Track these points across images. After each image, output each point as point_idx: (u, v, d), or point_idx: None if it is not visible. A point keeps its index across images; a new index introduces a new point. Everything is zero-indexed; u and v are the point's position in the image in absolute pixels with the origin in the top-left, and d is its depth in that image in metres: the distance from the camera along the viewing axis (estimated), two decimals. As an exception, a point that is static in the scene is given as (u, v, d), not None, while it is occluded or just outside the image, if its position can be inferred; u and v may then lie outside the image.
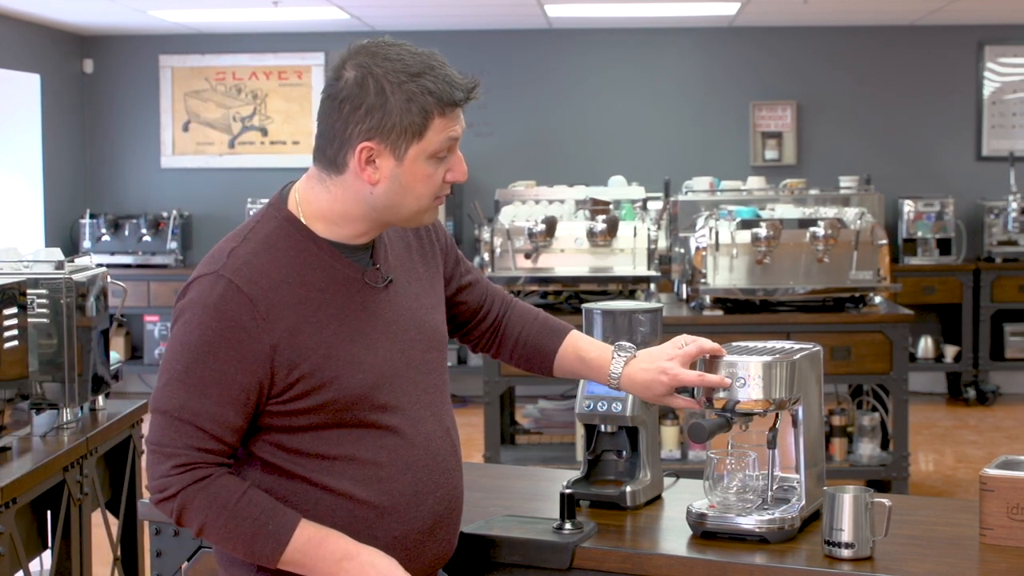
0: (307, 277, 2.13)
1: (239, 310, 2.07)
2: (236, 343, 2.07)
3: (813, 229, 5.81)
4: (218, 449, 2.10)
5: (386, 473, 2.16)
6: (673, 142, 9.43)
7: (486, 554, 2.48)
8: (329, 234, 2.17)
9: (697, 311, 5.89)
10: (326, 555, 2.10)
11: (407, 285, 2.27)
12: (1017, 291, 8.87)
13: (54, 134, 9.10)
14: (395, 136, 2.09)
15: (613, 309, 2.77)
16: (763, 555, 2.38)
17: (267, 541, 2.09)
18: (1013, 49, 9.37)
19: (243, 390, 2.08)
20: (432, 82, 2.11)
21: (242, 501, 2.09)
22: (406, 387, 2.20)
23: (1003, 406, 8.98)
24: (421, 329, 2.26)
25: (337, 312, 2.14)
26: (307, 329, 2.11)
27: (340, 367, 2.11)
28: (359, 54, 2.12)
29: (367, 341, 2.16)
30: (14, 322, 3.37)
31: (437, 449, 2.24)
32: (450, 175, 2.17)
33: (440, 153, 2.14)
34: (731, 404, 2.46)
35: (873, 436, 6.08)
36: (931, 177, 9.36)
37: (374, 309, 2.19)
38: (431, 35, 9.42)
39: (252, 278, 2.09)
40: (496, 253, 5.88)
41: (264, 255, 2.13)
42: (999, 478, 2.41)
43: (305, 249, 2.15)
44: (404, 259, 2.30)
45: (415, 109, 2.09)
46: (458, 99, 2.14)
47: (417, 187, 2.13)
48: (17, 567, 3.21)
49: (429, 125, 2.10)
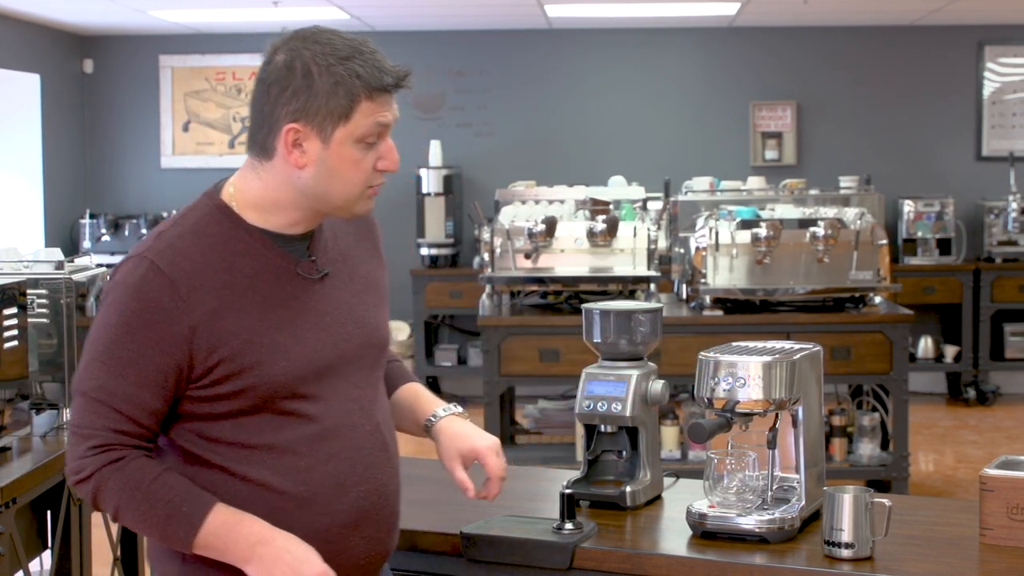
0: (234, 263, 2.13)
1: (159, 291, 2.07)
2: (155, 324, 2.06)
3: (813, 229, 5.81)
4: (135, 431, 2.09)
5: (305, 463, 2.14)
6: (673, 142, 9.43)
7: (486, 554, 2.48)
8: (262, 222, 2.16)
9: (697, 311, 5.89)
10: (240, 539, 2.08)
11: (348, 281, 2.25)
12: (1017, 291, 8.87)
13: (54, 134, 9.10)
14: (321, 118, 2.09)
15: (613, 309, 2.77)
16: (763, 555, 2.39)
17: (180, 524, 2.07)
18: (1013, 49, 9.37)
19: (161, 372, 2.07)
20: (360, 66, 2.10)
21: (156, 483, 2.07)
22: (333, 379, 2.18)
23: (1003, 406, 8.98)
24: (359, 324, 2.23)
25: (263, 300, 2.13)
26: (229, 314, 2.09)
27: (262, 353, 2.10)
28: (291, 39, 2.14)
29: (293, 330, 2.14)
30: (14, 322, 3.37)
31: (363, 443, 2.20)
32: (381, 163, 2.16)
33: (368, 138, 2.12)
34: (731, 404, 2.46)
35: (873, 436, 6.08)
36: (931, 177, 9.36)
37: (305, 300, 2.17)
38: (431, 35, 9.42)
39: (175, 260, 2.09)
40: (496, 253, 5.88)
41: (190, 239, 2.12)
42: (999, 478, 2.41)
43: (235, 236, 2.14)
44: (350, 255, 2.28)
45: (342, 92, 2.08)
46: (386, 84, 2.12)
47: (345, 172, 2.12)
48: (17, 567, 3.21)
49: (356, 108, 2.09)
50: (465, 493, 2.38)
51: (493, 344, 5.79)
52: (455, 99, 9.49)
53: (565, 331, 5.73)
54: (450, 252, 9.17)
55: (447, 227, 9.05)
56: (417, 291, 9.09)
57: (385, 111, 2.13)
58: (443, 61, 9.45)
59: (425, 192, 9.04)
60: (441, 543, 2.53)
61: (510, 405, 6.65)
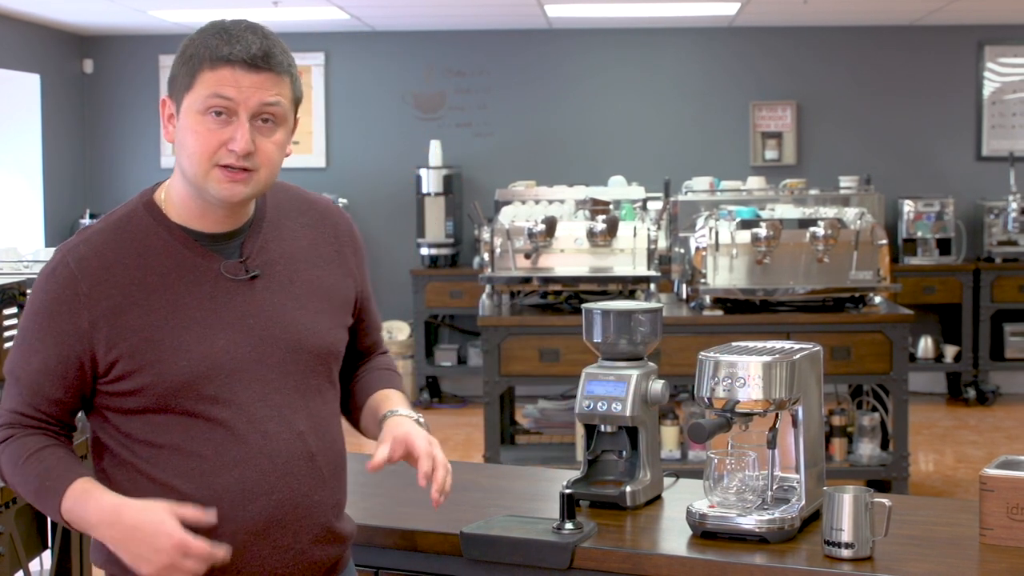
0: (148, 260, 2.13)
1: (63, 285, 2.10)
2: (56, 315, 2.10)
3: (813, 229, 5.81)
4: (32, 415, 2.14)
5: (210, 467, 2.11)
6: (673, 142, 9.43)
7: (486, 554, 2.48)
8: (185, 221, 2.16)
9: (697, 311, 5.89)
10: (89, 515, 2.07)
11: (286, 283, 2.20)
12: (1017, 291, 8.87)
13: (54, 134, 9.11)
14: (175, 88, 2.12)
15: (613, 309, 2.77)
16: (763, 555, 2.39)
17: (48, 496, 2.10)
18: (1013, 49, 9.37)
19: (60, 362, 2.11)
20: (213, 39, 2.09)
21: (32, 458, 2.11)
22: (249, 383, 2.13)
23: (1003, 406, 8.98)
24: (289, 329, 2.17)
25: (174, 299, 2.12)
26: (133, 311, 2.10)
27: (161, 352, 2.09)
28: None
29: (203, 330, 2.12)
30: (14, 322, 3.37)
31: (277, 450, 2.14)
32: (232, 143, 2.08)
33: (210, 109, 2.07)
34: (731, 404, 2.46)
35: (873, 436, 6.08)
36: (931, 177, 9.36)
37: (225, 301, 2.14)
38: (431, 35, 9.42)
39: (84, 256, 2.12)
40: (496, 253, 5.88)
41: (108, 235, 2.14)
42: (999, 478, 2.41)
43: (154, 234, 2.14)
44: (297, 257, 2.23)
45: (192, 61, 2.10)
46: (224, 54, 2.07)
47: (188, 142, 2.09)
48: (17, 567, 3.21)
49: (197, 77, 2.09)
50: (369, 466, 2.19)
51: (493, 344, 5.79)
52: (455, 99, 9.49)
53: (565, 331, 5.73)
54: (450, 252, 9.17)
55: (447, 227, 9.05)
56: (417, 291, 9.09)
57: (226, 85, 2.08)
58: (443, 61, 9.45)
59: (425, 192, 9.04)
60: (441, 543, 2.53)
61: (510, 405, 6.65)
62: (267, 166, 2.13)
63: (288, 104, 2.15)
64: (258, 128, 2.10)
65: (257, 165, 2.11)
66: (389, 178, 9.38)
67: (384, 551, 2.58)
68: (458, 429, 8.20)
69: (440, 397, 9.31)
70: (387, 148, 9.41)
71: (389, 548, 2.57)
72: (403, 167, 9.30)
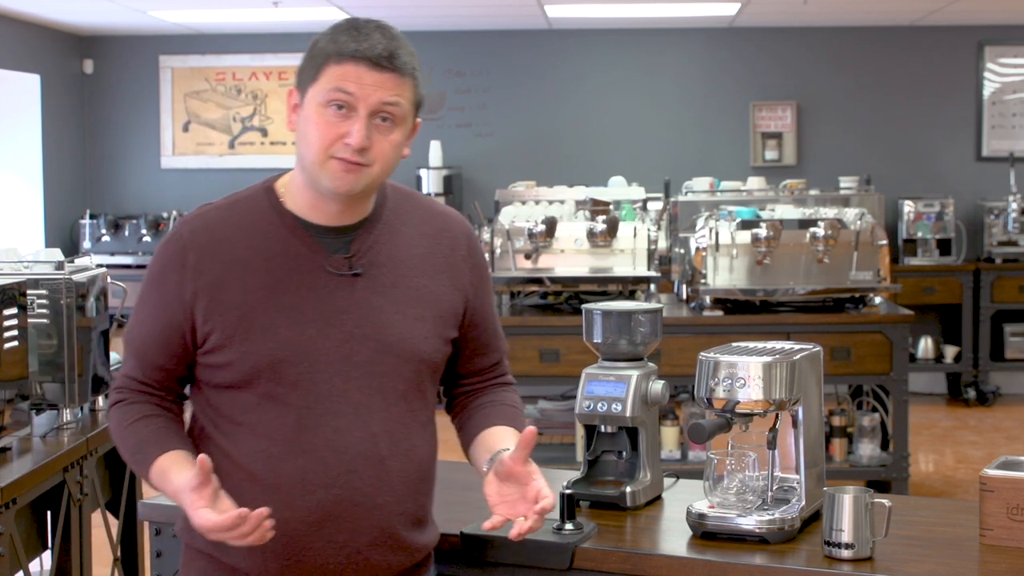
0: (255, 242, 2.18)
1: (173, 255, 2.19)
2: (164, 283, 2.19)
3: (813, 230, 5.81)
4: (143, 380, 2.24)
5: (277, 451, 2.15)
6: (673, 142, 9.43)
7: (486, 555, 2.48)
8: (298, 210, 2.21)
9: (697, 312, 5.89)
10: (168, 490, 2.18)
11: (388, 286, 2.21)
12: (1017, 291, 8.87)
13: (54, 135, 9.10)
14: (301, 79, 2.17)
15: (613, 309, 2.77)
16: (763, 556, 2.39)
17: (140, 465, 2.22)
18: (1013, 49, 9.37)
19: (164, 329, 2.19)
20: (345, 35, 2.13)
21: (127, 430, 2.23)
22: (330, 376, 2.16)
23: (1003, 407, 8.98)
24: (382, 330, 2.19)
25: (272, 282, 2.16)
26: (233, 287, 2.16)
27: (251, 331, 2.14)
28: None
29: (295, 316, 2.15)
30: (14, 323, 3.37)
31: (345, 447, 2.16)
32: (347, 138, 2.12)
33: (332, 102, 2.11)
34: (731, 404, 2.46)
35: (873, 437, 6.08)
36: (931, 177, 9.36)
37: (323, 293, 2.17)
38: (431, 35, 9.42)
39: (197, 229, 2.20)
40: (496, 253, 5.88)
41: (224, 212, 2.23)
42: (999, 479, 2.41)
43: (267, 218, 2.21)
44: (405, 262, 2.24)
45: (318, 55, 2.15)
46: (351, 50, 2.10)
47: (308, 132, 2.13)
48: (17, 568, 3.21)
49: (323, 70, 2.13)
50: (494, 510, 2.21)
51: (493, 344, 5.78)
52: (455, 99, 9.49)
53: (565, 331, 5.73)
54: (450, 252, 9.16)
55: (447, 227, 9.04)
56: (417, 291, 9.08)
57: (349, 80, 2.11)
58: (443, 61, 9.45)
59: (426, 192, 9.04)
60: (441, 543, 2.53)
61: (510, 405, 6.63)
62: (381, 163, 2.16)
63: (408, 106, 2.17)
64: (376, 126, 2.14)
65: (371, 160, 2.15)
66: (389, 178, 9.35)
67: (384, 551, 2.57)
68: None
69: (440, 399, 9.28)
70: (387, 148, 9.40)
71: (389, 548, 2.56)
72: (403, 167, 9.23)
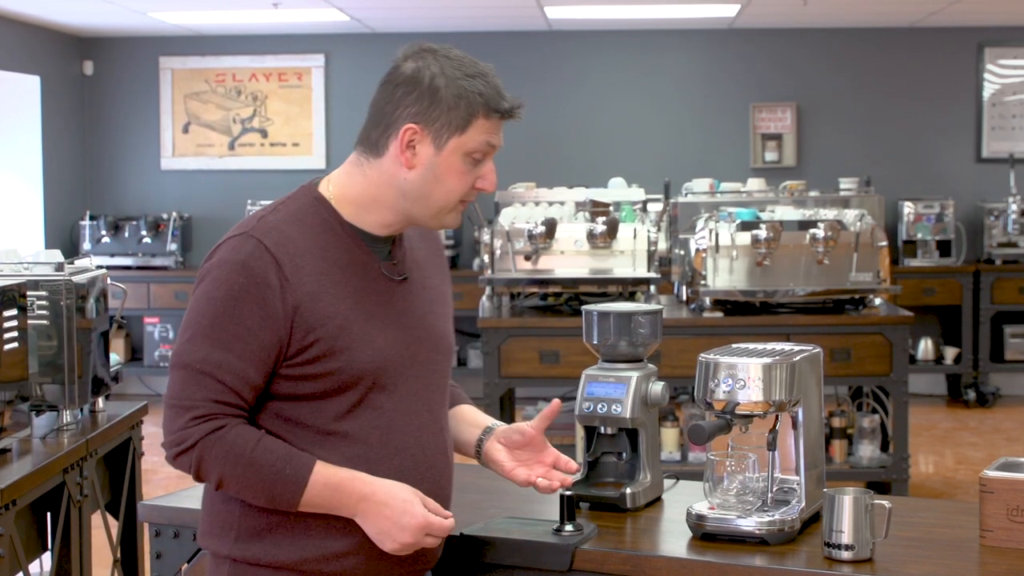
0: (329, 252, 2.21)
1: (266, 268, 2.14)
2: (262, 299, 2.14)
3: (813, 231, 5.81)
4: (235, 403, 2.15)
5: (375, 454, 2.21)
6: (673, 144, 9.43)
7: (485, 556, 2.48)
8: (354, 219, 2.25)
9: (697, 313, 5.89)
10: (344, 498, 2.16)
11: (422, 289, 2.34)
12: (1017, 293, 8.87)
13: (54, 136, 9.11)
14: (439, 125, 2.19)
15: (613, 311, 2.77)
16: (763, 557, 2.38)
17: (286, 486, 2.14)
18: (1013, 51, 9.37)
19: (264, 347, 2.14)
20: (483, 86, 2.22)
21: (258, 448, 2.14)
22: (408, 377, 2.25)
23: (1003, 408, 8.98)
24: (429, 331, 2.31)
25: (354, 291, 2.21)
26: (326, 298, 2.18)
27: (352, 339, 2.18)
28: (421, 50, 2.24)
29: (380, 323, 2.22)
30: (14, 324, 3.37)
31: (428, 443, 2.28)
32: (480, 182, 2.26)
33: (476, 154, 2.22)
34: (731, 406, 2.46)
35: (873, 438, 6.08)
36: (931, 179, 9.36)
37: (388, 298, 2.26)
38: (431, 36, 9.37)
39: (280, 241, 2.17)
40: (496, 255, 5.88)
41: (292, 224, 2.21)
42: (999, 480, 2.41)
43: (330, 228, 2.23)
44: (423, 265, 2.37)
45: (463, 105, 2.20)
46: (503, 107, 2.24)
47: (448, 180, 2.22)
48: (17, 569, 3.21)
49: (472, 123, 2.20)
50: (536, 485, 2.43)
51: (493, 346, 5.79)
52: (455, 101, 9.48)
53: (565, 333, 5.73)
54: (450, 254, 9.17)
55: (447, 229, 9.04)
56: (417, 293, 9.08)
57: (496, 133, 2.25)
58: (443, 63, 9.44)
59: (425, 194, 9.03)
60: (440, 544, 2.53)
61: (510, 407, 6.65)
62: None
63: None
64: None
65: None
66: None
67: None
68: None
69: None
70: (387, 150, 9.40)
71: (389, 550, 2.56)
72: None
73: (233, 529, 2.22)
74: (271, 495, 2.15)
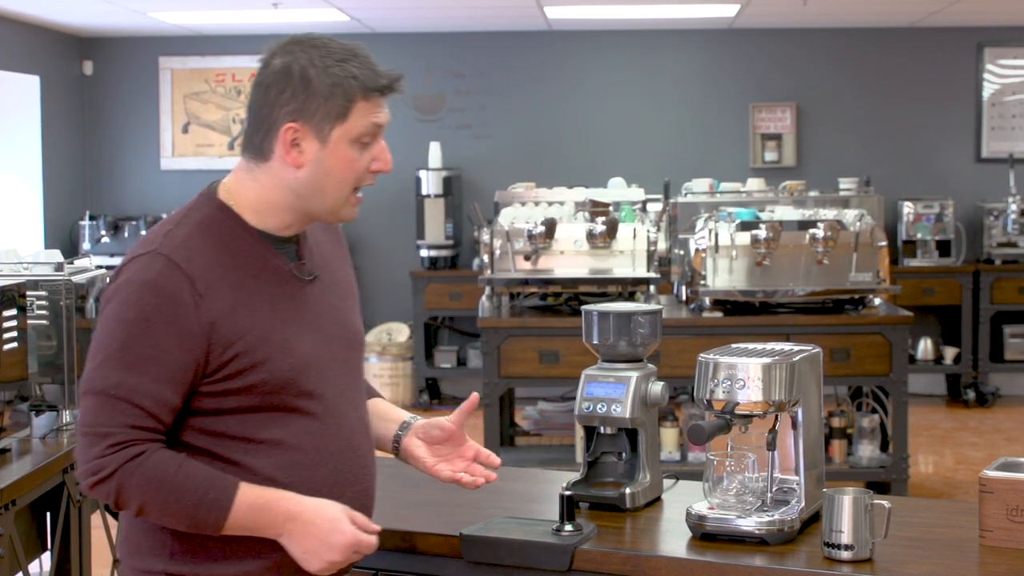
0: (240, 262, 2.16)
1: (178, 286, 2.08)
2: (175, 318, 2.07)
3: (813, 231, 5.81)
4: (153, 427, 2.09)
5: (309, 460, 2.18)
6: (672, 144, 9.43)
7: (485, 556, 2.48)
8: (258, 224, 2.20)
9: (697, 313, 5.89)
10: (269, 518, 2.11)
11: (331, 284, 2.30)
12: (1017, 293, 8.87)
13: (54, 136, 9.10)
14: (319, 118, 2.13)
15: (612, 311, 2.77)
16: (762, 557, 2.39)
17: (210, 510, 2.08)
18: (1013, 51, 9.37)
19: (180, 367, 2.08)
20: (356, 68, 2.14)
21: (180, 473, 2.08)
22: (331, 379, 2.22)
23: (1003, 408, 8.98)
24: (343, 327, 2.28)
25: (269, 298, 2.17)
26: (242, 310, 2.13)
27: (272, 349, 2.13)
28: (287, 43, 2.17)
29: (296, 328, 2.18)
30: (13, 324, 3.37)
31: (358, 443, 2.26)
32: (375, 164, 2.19)
33: (364, 138, 2.16)
34: (731, 406, 2.46)
35: (873, 438, 6.08)
36: (931, 179, 9.36)
37: (301, 300, 2.22)
38: (431, 37, 9.42)
39: (189, 256, 2.11)
40: (496, 255, 5.88)
41: (199, 237, 2.15)
42: (999, 480, 2.41)
43: (237, 236, 2.18)
44: (328, 260, 2.32)
45: (339, 92, 2.13)
46: (381, 85, 2.16)
47: (340, 171, 2.16)
48: (17, 569, 3.21)
49: (352, 108, 2.14)
50: (460, 482, 2.41)
51: (493, 346, 5.79)
52: (455, 101, 9.49)
53: (565, 333, 5.73)
54: (450, 254, 9.17)
55: (447, 229, 9.05)
56: (417, 293, 9.10)
57: (379, 112, 2.17)
58: (443, 63, 9.45)
59: (425, 194, 9.04)
60: (440, 545, 2.53)
61: (510, 407, 6.65)
62: None
63: None
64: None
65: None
66: (389, 180, 9.31)
67: (383, 553, 2.57)
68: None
69: (440, 399, 9.30)
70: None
71: (389, 550, 2.56)
72: (403, 169, 9.28)
73: (167, 546, 2.16)
74: (194, 520, 2.09)
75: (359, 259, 9.45)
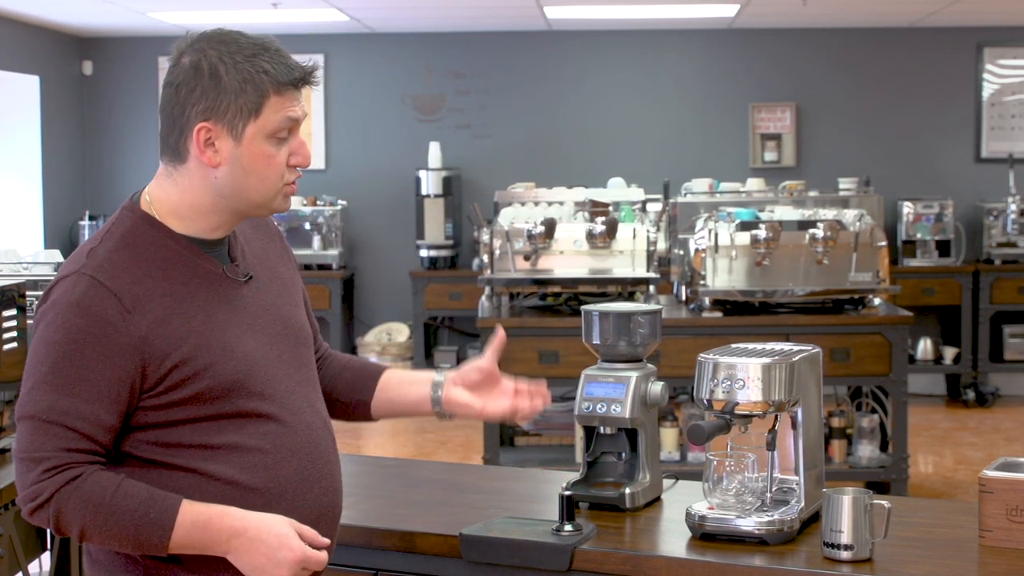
0: (168, 271, 2.12)
1: (104, 304, 2.04)
2: (103, 338, 2.04)
3: (812, 231, 5.81)
4: (89, 448, 2.04)
5: (271, 459, 2.14)
6: (672, 144, 9.43)
7: (485, 556, 2.48)
8: (184, 229, 2.15)
9: (696, 313, 5.89)
10: (214, 535, 2.06)
11: (268, 282, 2.26)
12: (1016, 293, 8.87)
13: (53, 136, 9.11)
14: (231, 115, 2.09)
15: (612, 311, 2.77)
16: (762, 557, 2.39)
17: (152, 531, 2.03)
18: (1012, 51, 9.37)
19: (113, 386, 2.04)
20: (267, 62, 2.11)
21: (118, 494, 2.03)
22: (281, 378, 2.18)
23: (1002, 408, 8.98)
24: (286, 324, 2.25)
25: (203, 304, 2.13)
26: (175, 320, 2.08)
27: (213, 355, 2.09)
28: (195, 41, 2.15)
29: (236, 331, 2.14)
30: (13, 324, 3.37)
31: (319, 439, 2.22)
32: (293, 159, 2.15)
33: (279, 133, 2.12)
34: (730, 406, 2.46)
35: (872, 438, 6.08)
36: (930, 179, 9.36)
37: (238, 303, 2.18)
38: (431, 37, 9.42)
39: (114, 273, 2.07)
40: (495, 255, 5.88)
41: (123, 252, 2.10)
42: (998, 480, 2.41)
43: (164, 245, 2.13)
44: (263, 257, 2.29)
45: (250, 87, 2.09)
46: (294, 78, 2.12)
47: (259, 169, 2.12)
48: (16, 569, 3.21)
49: (265, 103, 2.10)
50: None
51: (492, 346, 5.78)
52: (455, 101, 9.49)
53: (564, 333, 5.73)
54: (449, 254, 9.17)
55: (446, 229, 9.05)
56: (416, 293, 9.10)
57: (294, 106, 2.13)
58: (442, 63, 9.45)
59: (424, 194, 9.04)
60: (440, 545, 2.53)
61: (509, 407, 6.63)
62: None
63: None
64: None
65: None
66: (388, 180, 9.38)
67: (383, 553, 2.58)
68: (457, 431, 8.19)
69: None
70: (386, 150, 9.41)
71: (388, 550, 2.57)
72: (402, 169, 9.30)
73: (140, 563, 2.11)
74: (137, 541, 2.03)
75: (359, 259, 9.45)
